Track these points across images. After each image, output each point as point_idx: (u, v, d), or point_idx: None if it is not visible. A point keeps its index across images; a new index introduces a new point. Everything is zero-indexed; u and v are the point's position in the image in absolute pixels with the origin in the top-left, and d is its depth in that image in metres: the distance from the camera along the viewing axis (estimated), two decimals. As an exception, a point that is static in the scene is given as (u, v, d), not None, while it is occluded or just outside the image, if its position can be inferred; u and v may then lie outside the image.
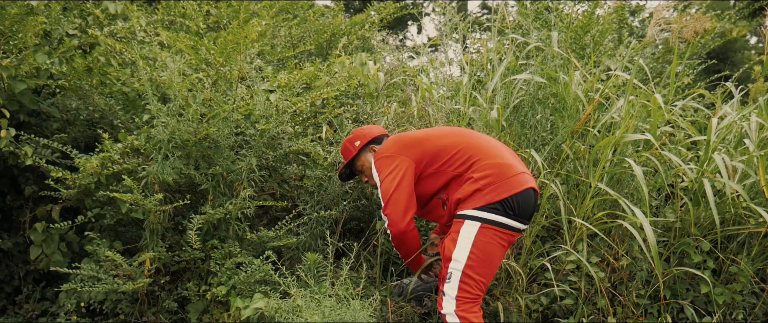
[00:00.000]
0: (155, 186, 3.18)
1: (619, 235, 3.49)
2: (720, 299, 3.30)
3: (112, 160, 3.15)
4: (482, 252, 2.60)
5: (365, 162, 3.06)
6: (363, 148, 3.06)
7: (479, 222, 2.60)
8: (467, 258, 2.59)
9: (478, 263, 2.59)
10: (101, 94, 3.62)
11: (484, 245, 2.60)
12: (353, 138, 3.10)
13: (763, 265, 3.40)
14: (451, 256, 2.62)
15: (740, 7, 6.47)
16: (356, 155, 3.08)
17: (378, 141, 3.07)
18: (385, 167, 2.77)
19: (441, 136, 2.83)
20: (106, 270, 3.14)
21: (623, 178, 3.60)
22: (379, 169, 2.81)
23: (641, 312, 3.38)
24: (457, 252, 2.61)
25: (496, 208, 2.60)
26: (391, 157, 2.78)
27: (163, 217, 3.26)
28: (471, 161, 2.68)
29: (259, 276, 3.10)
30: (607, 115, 3.60)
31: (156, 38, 4.12)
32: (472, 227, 2.61)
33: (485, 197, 2.60)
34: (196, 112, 3.21)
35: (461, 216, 2.66)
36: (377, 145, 3.05)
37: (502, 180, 2.62)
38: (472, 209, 2.63)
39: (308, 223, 3.55)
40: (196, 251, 3.27)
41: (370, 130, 3.11)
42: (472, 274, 2.59)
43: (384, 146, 2.88)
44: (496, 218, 2.61)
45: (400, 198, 2.70)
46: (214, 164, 3.40)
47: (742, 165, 3.27)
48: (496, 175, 2.61)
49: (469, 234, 2.60)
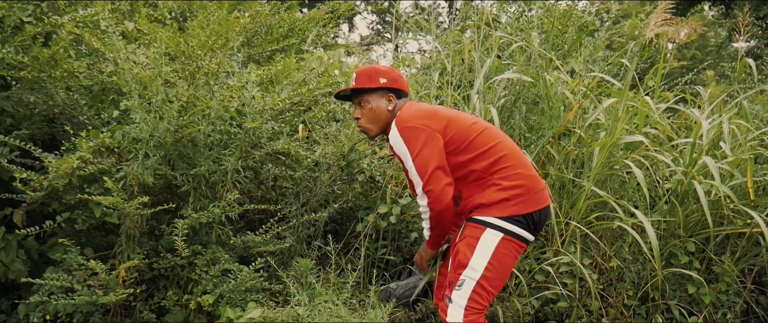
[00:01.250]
0: (135, 187, 2.93)
1: (608, 237, 3.51)
2: (706, 299, 3.36)
3: (85, 159, 2.88)
4: (500, 264, 2.50)
5: (374, 103, 2.68)
6: (384, 89, 2.69)
7: (502, 233, 2.47)
8: (485, 268, 2.47)
9: (494, 274, 2.48)
10: (64, 88, 3.32)
11: (502, 257, 2.50)
12: (381, 72, 2.70)
13: (746, 265, 3.49)
14: (467, 263, 2.48)
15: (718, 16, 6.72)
16: (372, 90, 2.69)
17: (399, 95, 2.72)
18: (416, 138, 2.48)
19: (469, 123, 2.58)
20: (79, 280, 2.87)
21: (610, 180, 3.62)
22: (408, 140, 2.50)
23: (631, 313, 3.40)
24: (475, 260, 2.48)
25: (520, 221, 2.49)
26: (421, 129, 2.49)
27: (141, 222, 3.01)
28: (502, 165, 2.50)
29: (250, 283, 2.91)
30: (591, 116, 3.61)
31: (118, 28, 3.82)
32: (494, 236, 2.47)
33: (511, 208, 2.47)
34: (178, 109, 2.98)
35: (483, 222, 2.50)
36: (396, 99, 2.71)
37: (531, 194, 2.50)
38: (496, 218, 2.48)
39: (295, 227, 3.38)
40: (177, 257, 3.05)
41: (402, 79, 2.75)
42: (486, 285, 2.48)
43: (407, 113, 2.57)
44: (518, 231, 2.50)
45: (441, 172, 2.46)
46: (194, 164, 3.18)
47: (728, 167, 3.34)
48: (525, 187, 2.48)
49: (490, 244, 2.47)
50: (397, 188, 3.89)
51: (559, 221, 3.47)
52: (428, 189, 2.46)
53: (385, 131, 2.71)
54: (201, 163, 3.12)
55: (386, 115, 2.67)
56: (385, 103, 2.68)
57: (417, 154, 2.47)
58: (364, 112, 2.71)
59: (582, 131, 3.63)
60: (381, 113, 2.68)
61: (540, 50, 3.70)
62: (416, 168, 2.47)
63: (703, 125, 3.26)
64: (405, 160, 2.52)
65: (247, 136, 3.21)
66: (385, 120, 2.68)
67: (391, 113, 2.68)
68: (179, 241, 2.86)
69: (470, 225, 2.54)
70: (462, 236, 2.57)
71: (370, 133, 2.74)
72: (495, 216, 2.48)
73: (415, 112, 2.56)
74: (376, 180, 3.93)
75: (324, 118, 3.94)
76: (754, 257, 3.49)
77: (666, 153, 3.67)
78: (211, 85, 3.34)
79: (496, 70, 3.96)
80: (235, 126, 3.27)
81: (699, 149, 3.37)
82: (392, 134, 2.57)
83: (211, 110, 3.14)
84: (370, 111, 2.68)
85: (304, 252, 3.48)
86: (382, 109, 2.68)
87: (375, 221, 3.81)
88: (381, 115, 2.68)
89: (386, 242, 3.89)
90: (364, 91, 2.70)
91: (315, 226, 3.51)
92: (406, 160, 2.51)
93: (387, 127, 2.69)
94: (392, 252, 3.87)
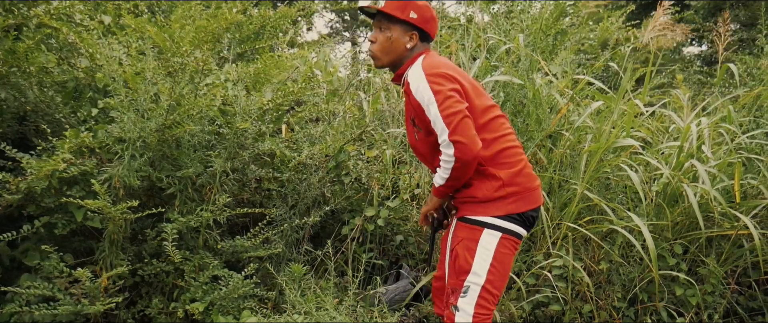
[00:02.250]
0: (120, 190, 2.78)
1: (596, 240, 3.52)
2: (693, 300, 3.40)
3: (67, 160, 2.72)
4: (501, 265, 2.42)
5: (395, 34, 2.46)
6: (411, 24, 2.47)
7: (500, 232, 2.37)
8: (488, 272, 2.39)
9: (497, 276, 2.42)
10: (37, 84, 3.14)
11: (503, 257, 2.42)
12: (415, 7, 2.47)
13: (730, 267, 3.55)
14: (470, 269, 2.39)
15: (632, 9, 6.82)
16: (398, 20, 2.46)
17: (424, 37, 2.51)
18: (443, 84, 2.28)
19: (487, 104, 2.41)
20: (60, 288, 2.71)
21: (596, 182, 3.63)
22: (434, 84, 2.28)
23: (620, 315, 3.42)
24: (477, 264, 2.39)
25: (516, 218, 2.39)
26: (451, 77, 2.29)
27: (125, 226, 2.86)
28: (506, 158, 2.38)
29: (243, 290, 2.80)
30: (579, 119, 3.62)
31: (92, 22, 3.64)
32: (492, 237, 2.38)
33: (508, 206, 2.37)
34: (166, 108, 2.84)
35: (479, 223, 2.39)
36: (418, 40, 2.48)
37: (528, 192, 2.40)
38: (492, 217, 2.38)
39: (285, 231, 3.28)
40: (163, 264, 2.91)
41: (434, 22, 2.53)
42: (491, 288, 2.41)
43: (436, 61, 2.38)
44: (515, 228, 2.40)
45: (469, 121, 2.26)
46: (178, 166, 3.05)
47: (715, 171, 3.39)
48: (523, 185, 2.38)
49: (490, 246, 2.37)
50: (383, 190, 3.82)
51: (549, 223, 3.46)
52: (455, 138, 2.24)
53: (393, 67, 2.52)
54: (187, 165, 2.99)
55: (402, 51, 2.47)
56: (406, 39, 2.47)
57: (443, 101, 2.26)
58: (381, 39, 2.49)
59: (570, 134, 3.64)
60: (398, 47, 2.47)
61: (529, 53, 3.69)
62: (442, 116, 2.25)
63: (692, 129, 3.30)
64: (428, 106, 2.29)
65: (235, 136, 3.09)
66: (399, 56, 2.48)
67: (409, 52, 2.48)
68: (170, 246, 2.73)
69: (465, 226, 2.42)
70: (458, 238, 2.45)
71: (378, 62, 2.52)
72: (491, 215, 2.38)
73: (446, 63, 2.39)
74: (361, 182, 3.86)
75: (308, 118, 3.84)
76: (737, 259, 3.55)
77: (650, 156, 3.70)
78: (195, 83, 3.21)
79: (485, 72, 3.94)
80: (221, 126, 3.15)
81: (688, 152, 3.41)
82: (415, 77, 2.35)
83: (196, 109, 3.01)
84: (388, 40, 2.47)
85: (293, 256, 3.38)
86: (401, 43, 2.47)
87: (362, 224, 3.74)
88: (397, 50, 2.47)
89: (372, 245, 3.82)
90: (389, 18, 2.48)
91: (304, 230, 3.41)
92: (430, 106, 2.28)
93: (397, 64, 2.50)
94: (379, 256, 3.81)
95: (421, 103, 2.31)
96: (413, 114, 2.42)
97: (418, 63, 2.38)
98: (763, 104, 3.95)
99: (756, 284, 3.67)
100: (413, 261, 3.87)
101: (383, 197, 3.81)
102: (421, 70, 2.33)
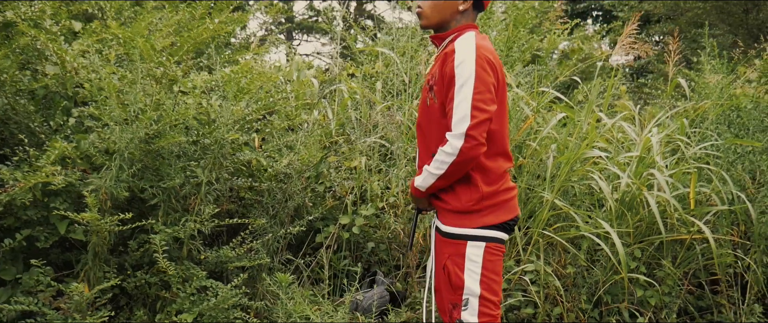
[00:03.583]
0: (108, 202, 2.74)
1: (563, 245, 3.70)
2: (652, 301, 3.63)
3: (52, 172, 2.65)
4: (492, 272, 2.49)
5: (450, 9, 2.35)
6: None
7: (483, 242, 2.39)
8: (480, 283, 2.44)
9: (491, 283, 2.48)
10: (13, 92, 3.04)
11: (492, 264, 2.48)
12: None
13: (683, 269, 3.80)
14: (463, 285, 2.40)
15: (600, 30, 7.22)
16: None
17: (477, 6, 2.40)
18: (487, 75, 2.17)
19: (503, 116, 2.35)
20: (45, 303, 2.64)
21: (563, 190, 3.82)
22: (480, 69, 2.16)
23: (587, 317, 3.61)
24: (469, 278, 2.39)
25: (495, 227, 2.41)
26: (495, 72, 2.21)
27: (109, 238, 2.82)
28: (497, 172, 2.36)
29: (233, 300, 2.81)
30: (545, 129, 3.80)
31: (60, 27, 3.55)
32: (477, 249, 2.40)
33: (483, 219, 2.38)
34: (154, 117, 2.82)
35: (460, 236, 2.39)
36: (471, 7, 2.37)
37: (504, 203, 2.41)
38: (471, 229, 2.39)
39: (268, 241, 3.30)
40: (148, 275, 2.88)
41: None
42: (489, 295, 2.48)
43: (487, 44, 2.27)
44: (496, 235, 2.46)
45: (489, 125, 2.19)
46: (160, 176, 3.02)
47: (671, 180, 3.63)
48: (500, 197, 2.38)
49: (476, 257, 2.39)
50: (352, 197, 3.88)
51: (518, 231, 3.62)
52: (471, 133, 2.16)
53: (439, 28, 2.39)
54: (172, 175, 2.97)
55: (453, 12, 2.35)
56: (460, 1, 2.34)
57: (482, 91, 2.16)
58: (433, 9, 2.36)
59: (536, 144, 3.81)
60: (450, 8, 2.34)
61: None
62: (472, 104, 2.14)
63: (653, 140, 3.52)
64: (463, 84, 2.17)
65: (218, 146, 3.09)
66: (449, 18, 2.36)
67: (459, 16, 2.36)
68: (161, 258, 2.71)
69: (448, 241, 2.42)
70: (445, 254, 2.45)
71: (426, 20, 2.39)
72: (470, 227, 2.39)
73: (494, 56, 2.27)
74: (334, 191, 3.91)
75: (281, 127, 3.85)
76: (690, 261, 3.81)
77: (612, 164, 3.92)
78: (174, 92, 3.19)
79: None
80: (204, 136, 3.14)
81: (648, 161, 3.64)
82: (465, 49, 2.21)
83: (180, 119, 2.99)
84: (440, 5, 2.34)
85: (273, 265, 3.40)
86: (453, 4, 2.33)
87: (337, 232, 3.79)
88: (448, 10, 2.34)
89: (347, 253, 3.88)
90: None
91: (286, 239, 3.44)
92: (465, 86, 2.16)
93: (444, 26, 2.38)
94: (353, 263, 3.87)
95: (458, 77, 2.18)
96: (437, 82, 2.29)
97: (472, 36, 2.27)
98: (708, 117, 4.26)
99: (705, 285, 3.95)
100: (386, 267, 3.96)
101: (357, 205, 3.88)
102: (474, 45, 2.21)
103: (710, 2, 10.90)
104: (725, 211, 3.81)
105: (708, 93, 4.34)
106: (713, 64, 4.83)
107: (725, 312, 3.85)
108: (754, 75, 4.71)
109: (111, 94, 2.71)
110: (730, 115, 4.27)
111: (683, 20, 11.35)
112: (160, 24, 3.65)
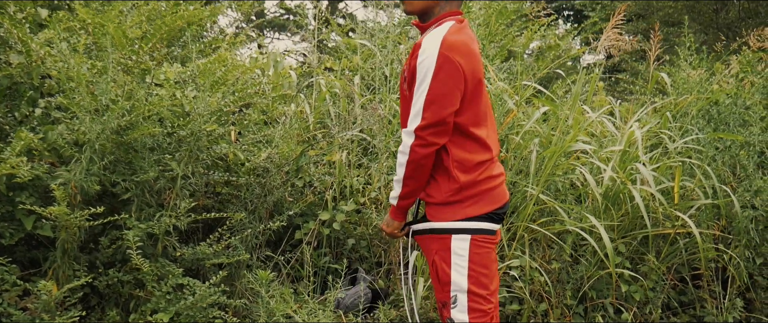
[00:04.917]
0: (77, 196, 2.60)
1: (547, 240, 3.65)
2: (637, 296, 3.60)
3: (19, 164, 2.50)
4: (480, 265, 2.41)
5: None
6: None
7: (468, 235, 2.31)
8: (468, 277, 2.37)
9: (480, 277, 2.41)
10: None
11: (480, 257, 2.40)
12: None
13: (667, 263, 3.78)
14: (450, 280, 2.33)
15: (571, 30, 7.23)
16: None
17: None
18: (447, 75, 2.11)
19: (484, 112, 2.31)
20: (11, 303, 2.49)
21: (546, 184, 3.77)
22: (439, 68, 2.11)
23: (571, 313, 3.56)
24: (455, 273, 2.31)
25: (480, 218, 2.35)
26: (459, 73, 2.12)
27: (79, 234, 2.67)
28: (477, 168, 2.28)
29: (211, 299, 2.68)
30: (528, 123, 3.74)
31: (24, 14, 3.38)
32: (462, 242, 2.31)
33: (466, 210, 2.30)
34: (127, 108, 2.69)
35: (443, 230, 2.32)
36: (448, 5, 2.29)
37: (487, 192, 2.32)
38: (453, 221, 2.30)
39: (247, 237, 3.18)
40: (121, 273, 2.75)
41: None
42: (478, 290, 2.39)
43: (458, 40, 2.17)
44: (483, 226, 2.40)
45: (447, 129, 2.16)
46: (133, 169, 2.88)
47: (656, 174, 3.60)
48: (481, 186, 2.30)
49: (462, 251, 2.31)
50: (332, 192, 3.78)
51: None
52: (420, 133, 2.16)
53: (422, 16, 2.33)
54: (145, 168, 2.83)
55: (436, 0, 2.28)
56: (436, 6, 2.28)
57: (435, 92, 2.12)
58: None
59: (520, 138, 3.75)
60: None
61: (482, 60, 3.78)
62: (424, 105, 2.13)
63: (636, 134, 3.49)
64: (421, 82, 2.15)
65: (194, 138, 2.96)
66: (432, 4, 2.28)
67: (444, 3, 2.29)
68: (135, 255, 2.57)
69: (433, 237, 2.36)
70: (432, 250, 2.39)
71: (409, 6, 2.33)
72: (452, 220, 2.31)
73: (465, 48, 2.18)
74: (313, 187, 3.80)
75: (259, 120, 3.74)
76: (673, 256, 3.79)
77: (595, 158, 3.88)
78: (147, 83, 3.06)
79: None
80: (180, 127, 3.01)
81: (633, 156, 3.61)
82: (430, 46, 2.16)
83: (153, 110, 2.86)
84: None
85: (252, 262, 3.29)
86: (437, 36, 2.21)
87: (317, 228, 3.68)
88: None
89: (327, 250, 3.77)
90: None
91: (265, 235, 3.32)
92: (422, 84, 2.14)
93: (427, 13, 2.31)
94: (333, 260, 3.77)
95: (419, 73, 2.16)
96: (408, 76, 2.27)
97: (443, 29, 2.20)
98: (690, 111, 4.25)
99: (688, 279, 3.93)
100: (367, 264, 3.86)
101: (337, 201, 3.77)
102: (440, 41, 2.15)
103: (681, 1, 11.04)
104: (708, 205, 3.79)
105: (688, 88, 4.34)
106: (691, 60, 4.84)
107: (708, 307, 3.84)
108: (734, 70, 4.72)
109: (81, 84, 2.56)
110: (710, 110, 4.27)
111: (655, 19, 11.48)
112: (132, 13, 3.52)
